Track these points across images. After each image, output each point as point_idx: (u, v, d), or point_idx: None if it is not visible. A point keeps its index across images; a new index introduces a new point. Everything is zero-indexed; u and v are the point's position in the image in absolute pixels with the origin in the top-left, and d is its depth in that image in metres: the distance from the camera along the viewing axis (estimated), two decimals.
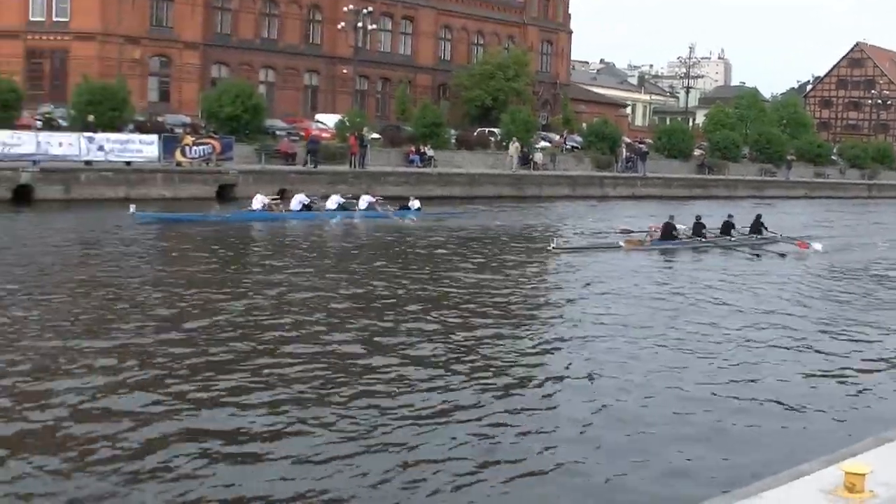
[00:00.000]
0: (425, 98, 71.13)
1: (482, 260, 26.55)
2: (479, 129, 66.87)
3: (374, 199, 36.67)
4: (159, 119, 51.61)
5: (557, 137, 70.79)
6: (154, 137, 42.48)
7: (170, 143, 42.42)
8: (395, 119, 67.05)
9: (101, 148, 40.03)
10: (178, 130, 47.48)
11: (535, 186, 55.98)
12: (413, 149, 54.62)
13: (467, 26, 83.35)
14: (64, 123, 45.66)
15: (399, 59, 77.51)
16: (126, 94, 46.30)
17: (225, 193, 41.98)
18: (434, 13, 79.72)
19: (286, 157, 48.23)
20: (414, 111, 61.06)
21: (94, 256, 24.30)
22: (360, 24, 61.33)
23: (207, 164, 42.99)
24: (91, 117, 42.53)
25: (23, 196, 36.56)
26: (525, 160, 59.19)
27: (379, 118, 69.34)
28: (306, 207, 35.32)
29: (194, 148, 42.90)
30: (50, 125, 45.18)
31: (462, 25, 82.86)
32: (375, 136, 55.72)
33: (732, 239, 32.81)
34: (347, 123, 52.95)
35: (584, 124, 76.03)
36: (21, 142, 38.54)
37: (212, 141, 43.95)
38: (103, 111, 43.77)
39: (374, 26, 67.23)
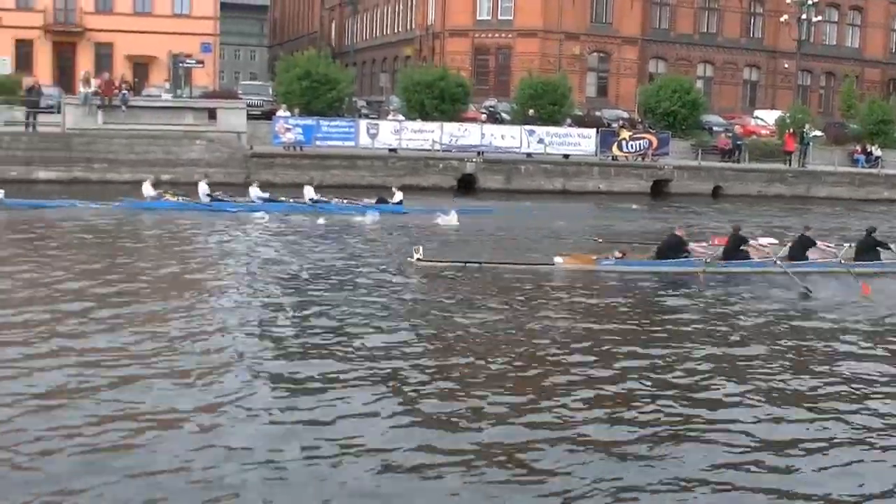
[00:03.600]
0: (873, 94, 66.61)
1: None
2: None
3: (316, 196, 29.81)
4: (597, 113, 52.32)
5: None
6: (592, 132, 43.01)
7: (607, 138, 42.77)
8: (839, 116, 63.42)
9: (540, 141, 41.12)
10: (615, 125, 47.72)
11: None
12: (858, 148, 51.31)
13: None
14: (506, 117, 47.41)
15: (846, 52, 73.30)
16: (566, 90, 47.18)
17: (659, 189, 41.67)
18: (885, 3, 74.45)
19: (722, 153, 47.01)
20: (860, 108, 57.37)
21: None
22: (804, 16, 58.55)
23: (643, 158, 42.85)
24: (532, 111, 43.78)
25: (467, 185, 38.45)
26: None
27: (822, 115, 65.85)
28: (214, 198, 29.21)
29: (631, 143, 42.96)
30: (494, 118, 47.04)
31: None
32: (817, 133, 52.97)
33: (797, 263, 20.40)
34: (788, 120, 50.73)
35: None
36: (467, 134, 40.56)
37: (648, 136, 43.78)
38: (544, 105, 44.91)
39: (820, 18, 64.02)
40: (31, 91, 39.51)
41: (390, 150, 39.37)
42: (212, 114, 38.42)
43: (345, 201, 29.92)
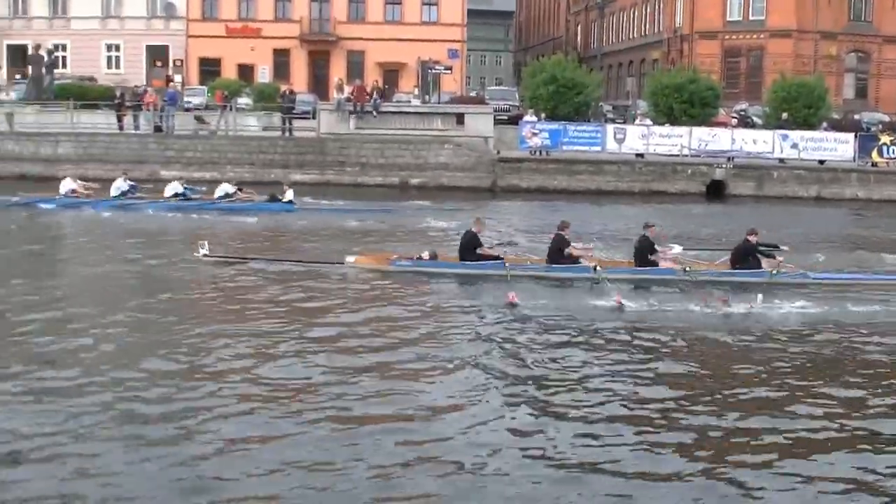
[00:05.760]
0: None
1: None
2: None
3: (232, 189, 28.68)
4: (855, 117, 49.84)
5: None
6: (849, 136, 40.82)
7: (866, 143, 40.51)
8: None
9: (794, 146, 39.45)
10: (875, 129, 45.32)
11: None
12: None
13: None
14: (758, 121, 45.88)
15: None
16: (822, 92, 45.01)
17: None
18: None
19: None
20: None
21: None
22: None
23: None
24: (785, 115, 42.15)
25: (716, 191, 37.40)
26: None
27: None
28: (124, 194, 28.20)
29: (892, 147, 40.58)
30: (744, 123, 45.61)
31: None
32: None
33: (628, 269, 18.05)
34: None
35: None
36: (717, 139, 39.39)
37: None
38: (798, 109, 43.11)
39: None
40: (283, 97, 41.29)
41: (637, 154, 38.77)
42: (459, 119, 38.96)
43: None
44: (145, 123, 39.87)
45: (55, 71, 47.90)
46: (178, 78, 55.33)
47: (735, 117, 46.93)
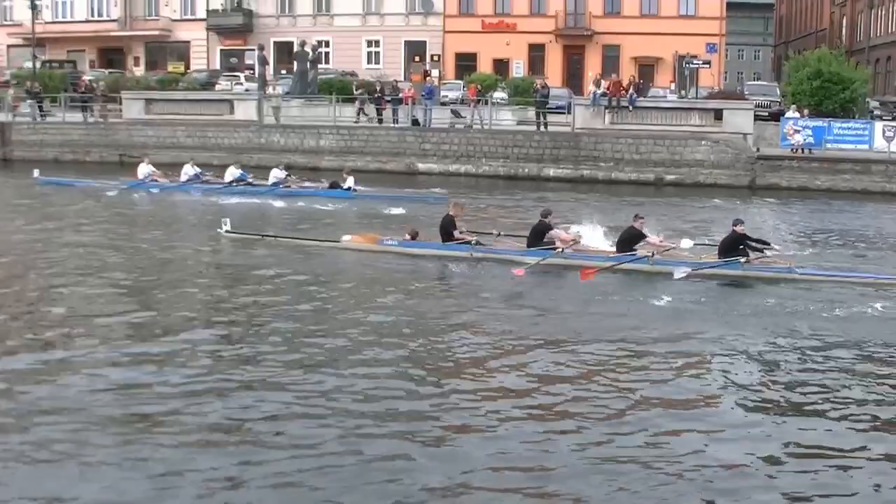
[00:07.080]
0: None
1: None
2: None
3: (283, 175, 30.26)
4: None
5: None
6: None
7: None
8: None
9: None
10: None
11: None
12: None
13: None
14: None
15: None
16: None
17: None
18: None
19: None
20: None
21: None
22: None
23: None
24: None
25: None
26: None
27: None
28: (196, 179, 30.90)
29: None
30: None
31: None
32: None
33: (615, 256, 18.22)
34: None
35: None
36: None
37: None
38: None
39: None
40: (536, 91, 41.36)
41: None
42: (718, 114, 37.95)
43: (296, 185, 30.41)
44: (403, 117, 41.00)
45: (319, 66, 49.86)
46: (435, 72, 56.49)
47: None
